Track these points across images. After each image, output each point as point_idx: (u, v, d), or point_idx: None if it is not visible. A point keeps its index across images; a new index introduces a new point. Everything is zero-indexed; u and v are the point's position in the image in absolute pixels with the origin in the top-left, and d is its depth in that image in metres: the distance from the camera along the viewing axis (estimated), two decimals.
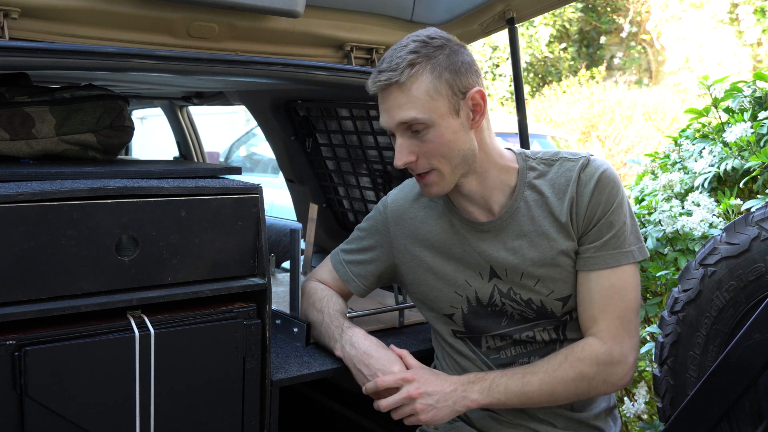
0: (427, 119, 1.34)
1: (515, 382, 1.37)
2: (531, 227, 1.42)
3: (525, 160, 1.47)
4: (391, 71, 1.33)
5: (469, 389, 1.38)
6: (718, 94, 1.97)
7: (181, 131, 3.56)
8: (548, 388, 1.37)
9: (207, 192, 1.35)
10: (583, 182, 1.40)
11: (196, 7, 1.61)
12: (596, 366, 1.37)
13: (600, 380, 1.38)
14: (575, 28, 14.29)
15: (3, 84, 1.66)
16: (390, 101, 1.36)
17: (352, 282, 1.62)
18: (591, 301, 1.40)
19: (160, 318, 1.30)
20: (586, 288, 1.41)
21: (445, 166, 1.38)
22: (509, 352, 1.48)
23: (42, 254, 1.18)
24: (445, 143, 1.36)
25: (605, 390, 1.40)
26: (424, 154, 1.37)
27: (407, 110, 1.34)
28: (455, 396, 1.38)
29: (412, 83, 1.33)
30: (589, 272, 1.40)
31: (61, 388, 1.20)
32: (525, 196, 1.44)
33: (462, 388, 1.39)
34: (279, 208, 4.81)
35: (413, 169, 1.40)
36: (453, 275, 1.49)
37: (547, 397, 1.38)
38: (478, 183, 1.44)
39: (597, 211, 1.39)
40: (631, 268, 1.40)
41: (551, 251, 1.41)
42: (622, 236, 1.39)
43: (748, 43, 11.66)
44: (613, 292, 1.38)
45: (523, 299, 1.44)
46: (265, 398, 1.42)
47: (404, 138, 1.37)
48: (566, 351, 1.40)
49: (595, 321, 1.39)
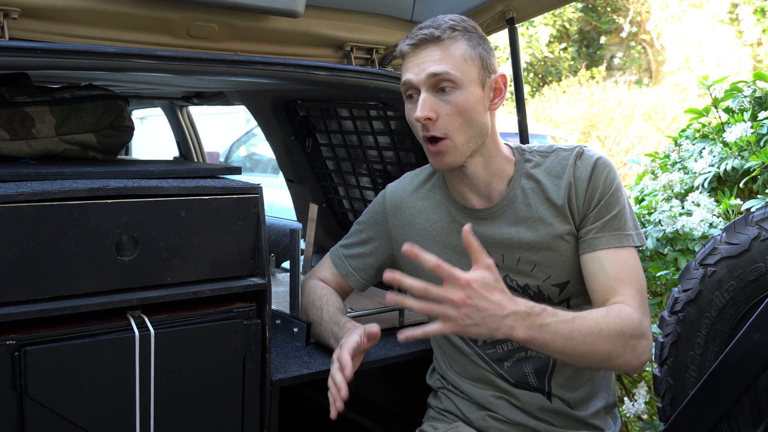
0: (458, 78, 1.36)
1: (565, 325, 1.26)
2: (527, 213, 1.44)
3: (521, 153, 1.50)
4: (433, 28, 1.38)
5: (519, 321, 1.23)
6: (718, 94, 1.97)
7: (181, 131, 3.56)
8: (593, 338, 1.27)
9: (207, 192, 1.35)
10: (580, 167, 1.42)
11: (196, 7, 1.61)
12: (632, 328, 1.30)
13: (630, 347, 1.30)
14: (575, 28, 14.29)
15: (3, 84, 1.66)
16: (423, 56, 1.38)
17: (351, 276, 1.63)
18: (606, 276, 1.36)
19: (160, 318, 1.30)
20: (598, 266, 1.38)
21: (460, 135, 1.38)
22: (506, 346, 1.48)
23: (42, 254, 1.18)
24: (468, 108, 1.38)
25: (630, 361, 1.31)
26: (445, 114, 1.37)
27: (442, 64, 1.36)
28: (504, 323, 1.22)
29: (451, 43, 1.38)
30: (595, 252, 1.38)
31: (61, 388, 1.20)
32: (522, 185, 1.46)
33: (514, 317, 1.22)
34: (279, 208, 4.81)
35: (428, 129, 1.38)
36: (449, 264, 1.48)
37: (588, 348, 1.27)
38: (483, 166, 1.44)
39: (596, 192, 1.40)
40: (633, 252, 1.39)
41: (548, 235, 1.42)
42: (622, 218, 1.39)
43: (748, 43, 11.66)
44: (625, 267, 1.37)
45: (519, 285, 1.45)
46: (265, 398, 1.42)
47: (428, 94, 1.38)
48: (605, 309, 1.32)
49: (615, 291, 1.35)
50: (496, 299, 1.21)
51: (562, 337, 1.25)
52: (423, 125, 1.38)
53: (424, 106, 1.37)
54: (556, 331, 1.25)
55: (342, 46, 1.91)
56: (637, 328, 1.31)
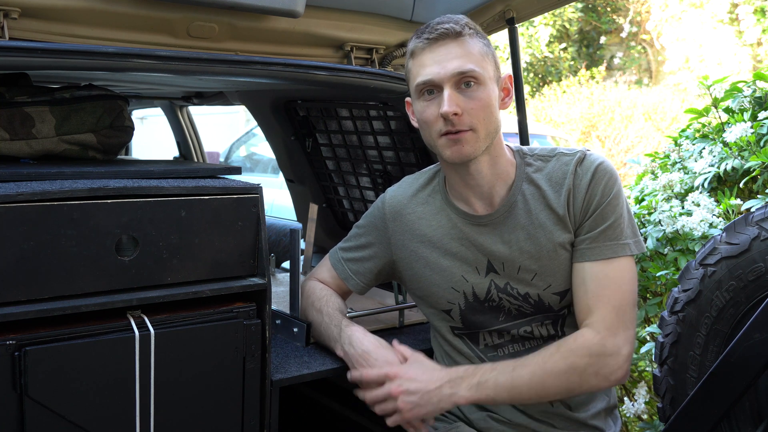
0: (481, 74, 1.37)
1: (505, 376, 1.34)
2: (528, 220, 1.43)
3: (522, 157, 1.49)
4: (452, 24, 1.38)
5: (456, 385, 1.35)
6: (718, 94, 1.97)
7: (181, 131, 3.56)
8: (539, 381, 1.33)
9: (207, 192, 1.35)
10: (580, 174, 1.41)
11: (196, 7, 1.61)
12: (588, 357, 1.33)
13: (592, 372, 1.34)
14: (575, 28, 14.30)
15: (3, 84, 1.66)
16: (442, 53, 1.37)
17: (350, 280, 1.63)
18: (585, 292, 1.38)
19: (160, 318, 1.30)
20: (580, 278, 1.39)
21: (483, 129, 1.39)
22: (507, 349, 1.48)
23: (42, 254, 1.18)
24: (490, 104, 1.38)
25: (598, 384, 1.36)
26: (469, 110, 1.37)
27: (465, 61, 1.36)
28: (440, 394, 1.35)
29: (469, 39, 1.39)
30: (584, 263, 1.39)
31: (61, 388, 1.20)
32: (522, 190, 1.45)
33: (449, 385, 1.35)
34: (279, 208, 4.81)
35: (454, 123, 1.37)
36: (450, 271, 1.49)
37: (537, 391, 1.34)
38: (489, 166, 1.44)
39: (593, 201, 1.39)
40: (627, 261, 1.39)
41: (548, 244, 1.41)
42: (618, 228, 1.38)
43: (748, 43, 11.66)
44: (608, 282, 1.37)
45: (520, 293, 1.44)
46: (265, 398, 1.42)
47: (452, 90, 1.37)
48: (558, 343, 1.37)
49: (589, 311, 1.37)
50: (425, 377, 1.36)
51: (505, 389, 1.34)
52: (447, 121, 1.36)
53: (450, 101, 1.35)
54: (497, 384, 1.34)
55: (342, 46, 1.91)
56: (597, 350, 1.34)
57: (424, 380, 1.36)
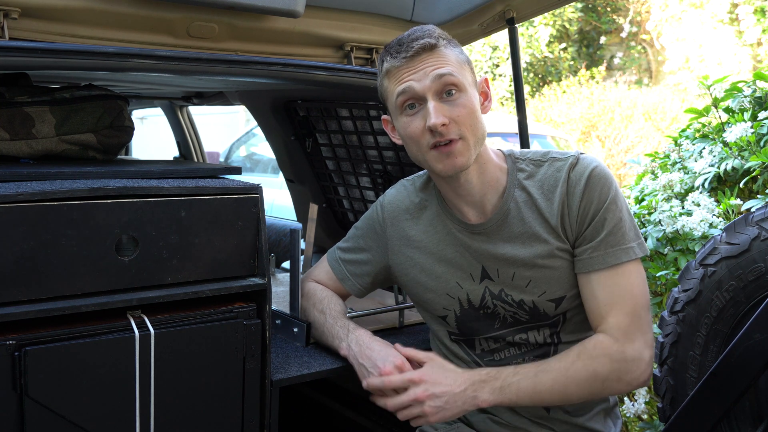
0: (462, 82, 1.36)
1: (527, 381, 1.34)
2: (521, 228, 1.41)
3: (514, 162, 1.47)
4: (426, 38, 1.36)
5: (479, 389, 1.35)
6: (718, 94, 1.97)
7: (181, 131, 3.56)
8: (561, 388, 1.33)
9: (207, 192, 1.35)
10: (573, 182, 1.38)
11: (196, 7, 1.61)
12: (609, 364, 1.33)
13: (614, 379, 1.33)
14: (575, 28, 14.29)
15: (3, 84, 1.66)
16: (421, 66, 1.36)
17: (347, 281, 1.62)
18: (596, 302, 1.37)
19: (160, 318, 1.30)
20: (589, 290, 1.38)
21: (471, 136, 1.37)
22: (503, 354, 1.48)
23: (42, 254, 1.18)
24: (474, 110, 1.37)
25: (620, 389, 1.36)
26: (455, 119, 1.35)
27: (444, 68, 1.35)
28: (465, 396, 1.35)
29: (445, 48, 1.38)
30: (589, 274, 1.37)
31: (61, 388, 1.20)
32: (515, 197, 1.43)
33: (472, 388, 1.35)
34: (279, 208, 4.81)
35: (442, 134, 1.34)
36: (444, 278, 1.49)
37: (559, 396, 1.34)
38: (478, 175, 1.42)
39: (590, 209, 1.37)
40: (634, 265, 1.37)
41: (542, 252, 1.40)
42: (619, 232, 1.36)
43: (748, 43, 11.65)
44: (618, 290, 1.35)
45: (514, 300, 1.43)
46: (265, 398, 1.42)
47: (436, 101, 1.35)
48: (579, 348, 1.36)
49: (603, 318, 1.36)
50: (449, 380, 1.36)
51: (527, 394, 1.34)
52: (435, 132, 1.34)
53: (437, 113, 1.33)
54: (519, 389, 1.34)
55: (342, 46, 1.91)
56: (618, 357, 1.33)
57: (448, 384, 1.36)
